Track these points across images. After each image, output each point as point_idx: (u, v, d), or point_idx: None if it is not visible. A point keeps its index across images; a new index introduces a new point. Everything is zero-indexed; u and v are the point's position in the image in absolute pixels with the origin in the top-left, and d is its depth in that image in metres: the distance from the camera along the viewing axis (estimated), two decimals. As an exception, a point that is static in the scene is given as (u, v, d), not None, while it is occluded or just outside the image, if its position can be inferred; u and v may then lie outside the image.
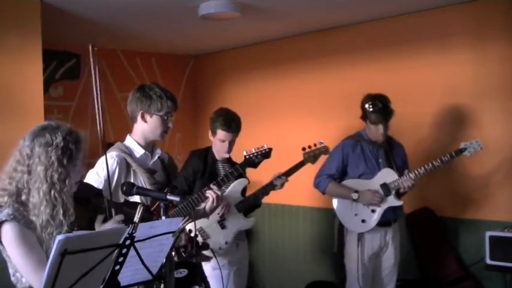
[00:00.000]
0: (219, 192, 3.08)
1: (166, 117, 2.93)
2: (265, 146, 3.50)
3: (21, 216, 2.04)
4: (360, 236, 3.82)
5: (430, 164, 3.71)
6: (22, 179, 2.09)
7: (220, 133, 3.62)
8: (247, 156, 3.45)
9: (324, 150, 3.87)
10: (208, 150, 3.74)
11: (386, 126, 3.78)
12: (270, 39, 5.59)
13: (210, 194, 3.04)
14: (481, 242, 3.91)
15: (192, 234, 3.11)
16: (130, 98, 2.98)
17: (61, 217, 2.07)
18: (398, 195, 3.86)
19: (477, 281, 4.18)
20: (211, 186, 3.16)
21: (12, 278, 2.13)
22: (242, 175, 3.67)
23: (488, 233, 3.81)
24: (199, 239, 3.45)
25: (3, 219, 2.02)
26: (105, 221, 2.46)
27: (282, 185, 3.75)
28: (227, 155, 3.71)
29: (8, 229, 2.02)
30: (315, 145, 3.90)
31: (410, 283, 4.44)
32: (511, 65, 4.05)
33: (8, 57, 3.90)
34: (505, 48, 4.07)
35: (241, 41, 5.71)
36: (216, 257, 3.12)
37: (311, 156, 3.84)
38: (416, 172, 3.72)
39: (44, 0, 4.00)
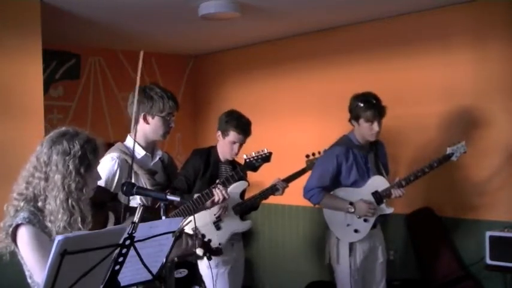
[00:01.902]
0: (226, 195, 3.10)
1: (168, 118, 2.93)
2: (266, 150, 3.48)
3: (37, 220, 2.05)
4: (351, 246, 3.75)
5: (420, 170, 3.67)
6: (39, 186, 2.09)
7: (233, 135, 3.62)
8: (247, 160, 3.44)
9: None
10: (211, 150, 3.73)
11: (381, 123, 3.68)
12: (270, 39, 5.59)
13: (217, 194, 3.07)
14: (481, 242, 3.91)
15: (203, 236, 3.10)
16: (130, 100, 2.96)
17: (79, 225, 2.08)
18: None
19: (477, 281, 4.17)
20: (218, 186, 3.16)
21: (29, 280, 2.13)
22: (243, 178, 3.67)
23: (488, 233, 3.81)
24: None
25: (19, 222, 2.03)
26: (117, 223, 2.47)
27: (282, 191, 3.78)
28: (233, 157, 3.71)
29: (24, 232, 2.03)
30: (319, 153, 3.90)
31: (410, 283, 4.44)
32: (511, 65, 4.05)
33: (8, 57, 3.90)
34: (505, 48, 4.07)
35: (241, 41, 5.71)
36: (208, 258, 3.13)
37: (314, 164, 3.85)
38: (407, 178, 3.69)
39: (44, 0, 4.00)
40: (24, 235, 2.02)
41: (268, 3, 4.21)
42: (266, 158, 3.46)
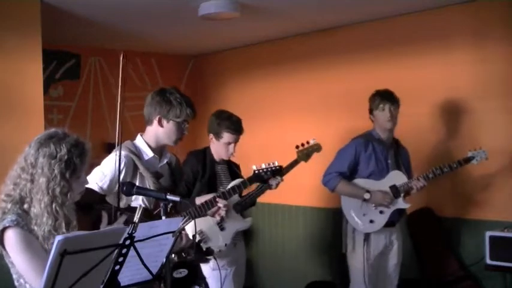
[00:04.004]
0: (223, 212, 3.16)
1: (183, 124, 2.91)
2: (276, 162, 3.47)
3: (24, 223, 2.03)
4: (366, 236, 3.83)
5: (439, 169, 3.75)
6: (25, 188, 2.08)
7: (228, 136, 3.60)
8: (256, 172, 3.42)
9: (317, 147, 3.84)
10: (206, 151, 3.72)
11: (393, 111, 3.80)
12: (270, 39, 5.59)
13: (222, 204, 3.15)
14: (481, 242, 3.91)
15: (194, 237, 3.11)
16: (148, 101, 2.94)
17: (64, 230, 2.06)
18: (405, 195, 3.88)
19: (477, 281, 4.18)
20: (217, 199, 3.17)
21: (16, 284, 2.12)
22: (239, 176, 3.67)
23: (488, 233, 3.81)
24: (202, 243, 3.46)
25: (7, 225, 2.01)
26: (109, 225, 2.46)
27: (276, 185, 3.70)
28: (230, 157, 3.70)
29: (12, 235, 2.01)
30: (307, 142, 3.85)
31: (410, 283, 4.44)
32: (511, 64, 4.05)
33: (8, 57, 3.90)
34: (505, 48, 4.07)
35: (241, 41, 5.71)
36: (216, 259, 3.12)
37: (304, 154, 3.80)
38: (425, 175, 3.77)
39: (44, 0, 4.00)
40: (12, 238, 2.01)
41: (268, 3, 4.21)
42: (276, 171, 3.45)
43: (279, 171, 3.46)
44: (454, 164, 3.78)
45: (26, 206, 2.07)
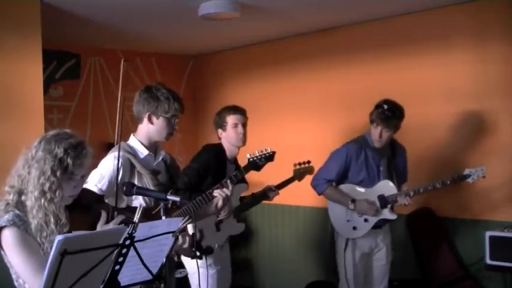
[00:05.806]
0: (228, 192, 3.10)
1: (172, 119, 2.93)
2: (269, 149, 3.48)
3: (22, 222, 2.05)
4: (347, 240, 3.85)
5: (431, 185, 3.72)
6: (25, 179, 2.11)
7: (231, 118, 3.68)
8: (250, 159, 3.44)
9: (309, 170, 4.05)
10: (222, 146, 3.75)
11: (384, 132, 3.70)
12: (270, 39, 5.59)
13: (219, 194, 3.06)
14: (481, 242, 3.91)
15: (195, 235, 3.11)
16: (136, 99, 2.96)
17: (52, 226, 2.07)
18: (392, 206, 3.87)
19: (477, 281, 4.18)
20: (218, 186, 3.17)
21: (16, 284, 2.14)
22: (243, 179, 3.67)
23: (488, 233, 3.81)
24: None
25: (3, 225, 2.03)
26: (106, 223, 2.46)
27: (272, 198, 3.90)
28: (244, 142, 3.71)
29: (8, 235, 2.03)
30: (304, 163, 4.05)
31: (410, 283, 4.44)
32: (511, 65, 4.05)
33: (8, 57, 3.90)
34: (505, 48, 4.07)
35: (241, 41, 5.71)
36: (205, 258, 3.12)
37: (300, 173, 4.03)
38: (416, 190, 3.74)
39: (44, 0, 4.00)
40: (8, 237, 2.02)
41: (268, 3, 4.21)
42: (269, 157, 3.46)
43: (272, 157, 3.47)
44: (447, 181, 3.71)
45: (23, 197, 2.10)
